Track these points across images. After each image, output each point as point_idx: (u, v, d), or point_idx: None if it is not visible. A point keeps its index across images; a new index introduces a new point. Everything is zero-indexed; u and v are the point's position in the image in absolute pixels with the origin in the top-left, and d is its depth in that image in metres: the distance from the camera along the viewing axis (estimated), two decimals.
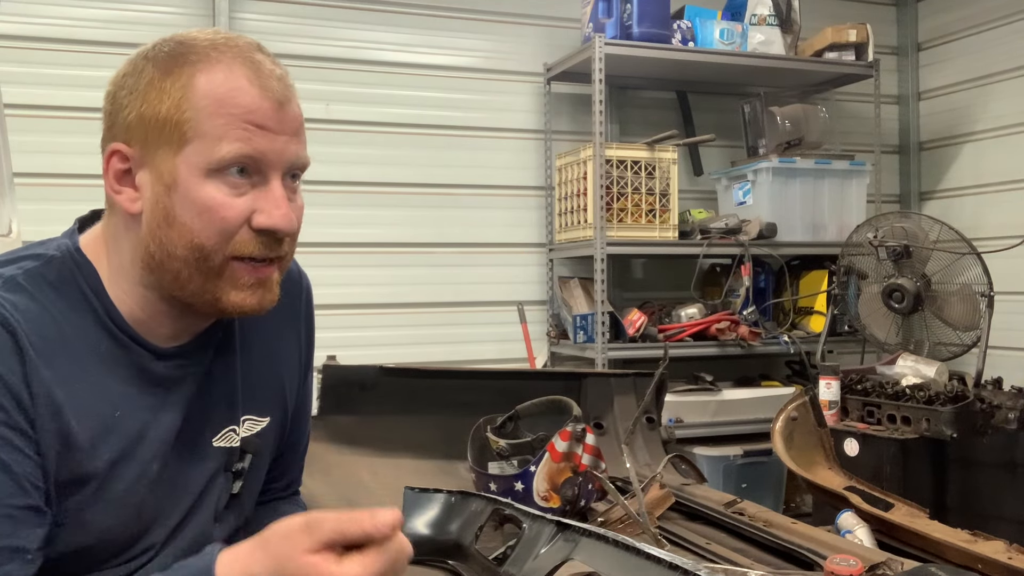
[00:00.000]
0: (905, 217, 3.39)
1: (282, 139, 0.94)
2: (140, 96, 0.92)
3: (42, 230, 1.03)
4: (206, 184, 0.92)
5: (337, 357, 2.05)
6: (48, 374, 0.89)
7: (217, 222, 0.92)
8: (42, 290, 0.93)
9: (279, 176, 0.95)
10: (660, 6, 3.56)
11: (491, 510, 1.40)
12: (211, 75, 0.92)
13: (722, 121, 4.04)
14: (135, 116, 0.92)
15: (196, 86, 0.91)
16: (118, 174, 0.95)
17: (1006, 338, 3.52)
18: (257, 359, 1.10)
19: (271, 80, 0.94)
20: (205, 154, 0.91)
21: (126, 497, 0.95)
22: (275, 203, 0.94)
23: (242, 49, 0.95)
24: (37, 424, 0.88)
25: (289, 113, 0.95)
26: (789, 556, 1.46)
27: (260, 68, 0.94)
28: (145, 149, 0.93)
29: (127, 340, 0.97)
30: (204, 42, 0.94)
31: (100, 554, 0.96)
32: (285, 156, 0.95)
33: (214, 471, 1.05)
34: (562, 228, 3.75)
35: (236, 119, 0.91)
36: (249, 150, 0.92)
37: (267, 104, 0.93)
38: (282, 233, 0.96)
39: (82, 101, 3.20)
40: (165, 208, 0.92)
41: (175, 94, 0.91)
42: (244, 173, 0.93)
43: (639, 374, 2.15)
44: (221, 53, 0.93)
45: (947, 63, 4.33)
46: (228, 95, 0.91)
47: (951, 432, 2.56)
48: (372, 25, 3.65)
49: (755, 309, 3.65)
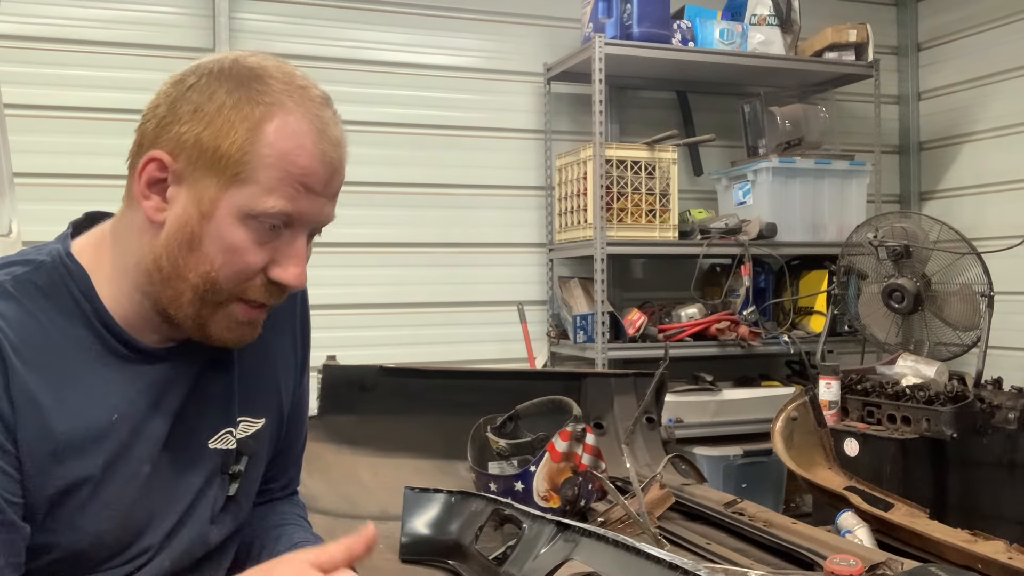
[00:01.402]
0: (905, 217, 3.39)
1: (322, 201, 0.96)
2: (205, 120, 0.91)
3: (42, 230, 1.03)
4: (239, 226, 0.93)
5: (337, 357, 2.05)
6: (35, 382, 0.89)
7: (239, 264, 0.94)
8: (31, 296, 0.93)
9: (305, 233, 0.97)
10: (660, 6, 3.56)
11: (491, 510, 1.40)
12: (280, 125, 0.92)
13: (722, 121, 4.04)
14: (192, 137, 0.92)
15: (263, 132, 0.91)
16: (151, 180, 0.94)
17: (1006, 338, 3.52)
18: (252, 360, 1.10)
19: (333, 146, 0.96)
20: (251, 200, 0.92)
21: (118, 500, 0.95)
22: (295, 260, 0.96)
23: (315, 104, 0.95)
24: (20, 437, 0.88)
25: (338, 179, 0.98)
26: (789, 556, 1.47)
27: (325, 130, 0.95)
28: (191, 170, 0.92)
29: (118, 344, 0.97)
30: (280, 84, 0.94)
31: (94, 557, 0.96)
32: (319, 217, 0.97)
33: (209, 473, 1.05)
34: (562, 228, 3.75)
35: (291, 177, 0.92)
36: (292, 209, 0.93)
37: (323, 169, 0.94)
38: (292, 290, 0.98)
39: (82, 101, 3.20)
40: (193, 232, 0.93)
41: (241, 134, 0.91)
42: (277, 226, 0.94)
43: (639, 374, 2.15)
44: (296, 104, 0.93)
45: (947, 63, 4.33)
46: (291, 152, 0.92)
47: (951, 432, 2.55)
48: (372, 25, 3.65)
49: (755, 309, 3.65)
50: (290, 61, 1.00)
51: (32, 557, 0.91)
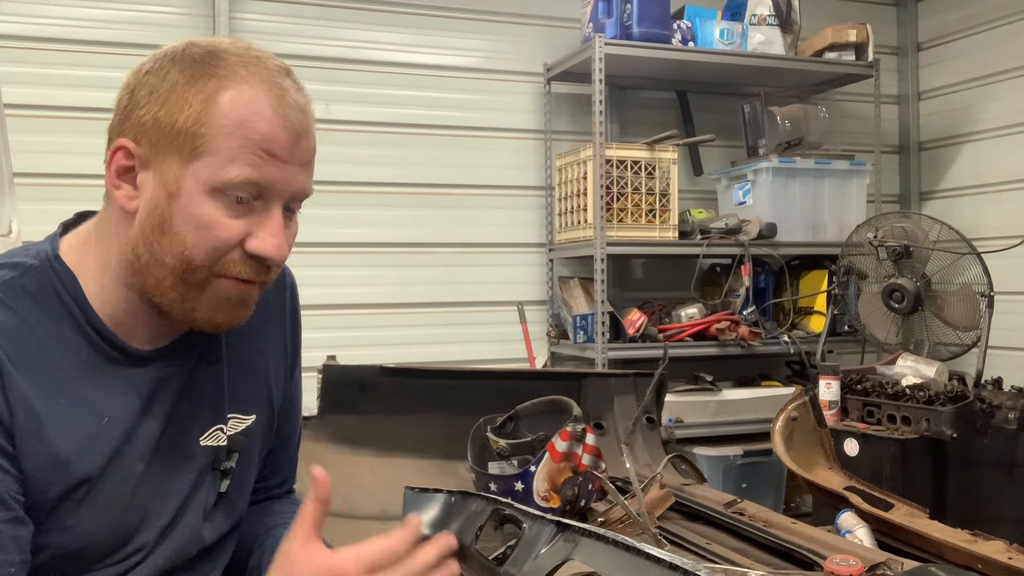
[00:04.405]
0: (905, 217, 3.39)
1: (292, 169, 0.94)
2: (160, 99, 0.91)
3: (42, 230, 1.03)
4: (208, 200, 0.91)
5: (337, 357, 2.05)
6: (28, 387, 0.89)
7: (211, 240, 0.92)
8: (21, 301, 0.93)
9: (280, 204, 0.95)
10: (660, 6, 3.56)
11: (491, 510, 1.40)
12: (235, 94, 0.91)
13: (722, 121, 4.04)
14: (151, 118, 0.91)
15: (218, 102, 0.90)
16: (120, 170, 0.94)
17: (1006, 338, 3.52)
18: (241, 357, 1.09)
19: (293, 110, 0.93)
20: (214, 172, 0.90)
21: (111, 501, 0.95)
22: (271, 231, 0.94)
23: (271, 72, 0.94)
24: (18, 438, 0.88)
25: (303, 145, 0.95)
26: (789, 556, 1.47)
27: (285, 95, 0.93)
28: (154, 152, 0.92)
29: (107, 347, 0.96)
30: (234, 57, 0.93)
31: (88, 557, 0.96)
32: (291, 187, 0.95)
33: (201, 470, 1.05)
34: (562, 228, 3.75)
35: (251, 144, 0.91)
36: (258, 177, 0.91)
37: (284, 134, 0.92)
38: (272, 262, 0.96)
39: (82, 101, 3.20)
40: (163, 214, 0.92)
41: (196, 106, 0.90)
42: (246, 197, 0.92)
43: (639, 374, 2.15)
44: (250, 73, 0.92)
45: (947, 63, 4.33)
46: (248, 119, 0.90)
47: (951, 432, 2.55)
48: (372, 25, 3.65)
49: (755, 309, 3.65)
50: (290, 61, 1.00)
51: None
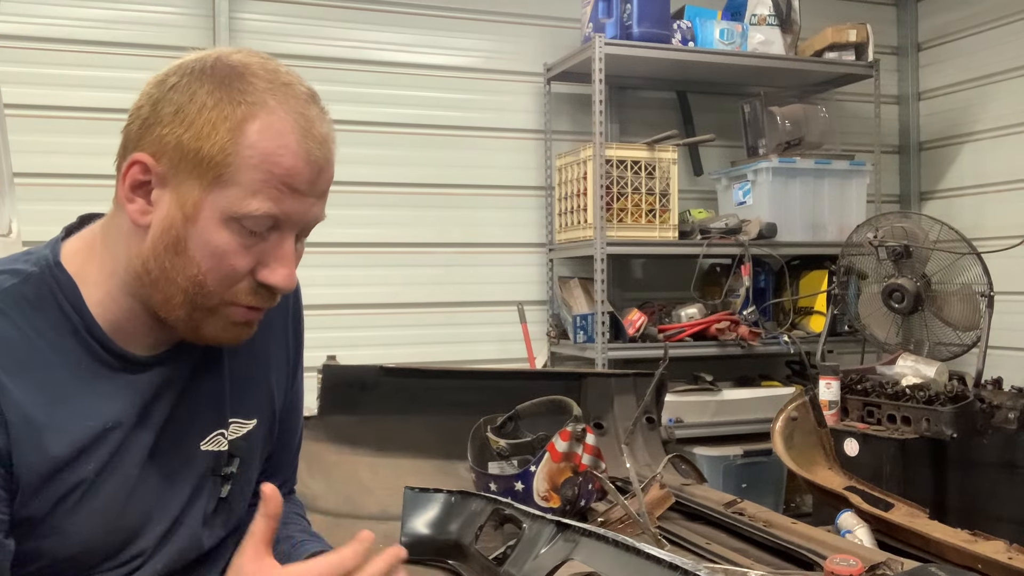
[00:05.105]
0: (905, 217, 3.39)
1: (309, 201, 0.93)
2: (186, 122, 0.89)
3: (42, 230, 1.03)
4: (223, 228, 0.91)
5: (337, 357, 2.05)
6: (27, 400, 0.89)
7: (225, 268, 0.92)
8: (19, 309, 0.92)
9: (293, 234, 0.95)
10: (660, 6, 3.56)
11: (491, 510, 1.40)
12: (263, 126, 0.89)
13: (722, 121, 4.04)
14: (174, 139, 0.90)
15: (245, 132, 0.89)
16: (135, 183, 0.92)
17: (1006, 338, 3.52)
18: (243, 361, 1.09)
19: (317, 143, 0.92)
20: (234, 203, 0.89)
21: (107, 507, 0.95)
22: (282, 261, 0.94)
23: (299, 101, 0.92)
24: (16, 458, 0.88)
25: (324, 176, 0.94)
26: (789, 556, 1.47)
27: (311, 128, 0.92)
28: (173, 172, 0.90)
29: (107, 355, 0.96)
30: (263, 83, 0.91)
31: (86, 563, 0.95)
32: (306, 217, 0.94)
33: (201, 475, 1.04)
34: (562, 228, 3.75)
35: (274, 178, 0.90)
36: (277, 211, 0.91)
37: (307, 169, 0.91)
38: (281, 292, 0.96)
39: (82, 101, 3.20)
40: (177, 235, 0.91)
41: (223, 135, 0.88)
42: (261, 231, 0.92)
43: (639, 374, 2.15)
44: (278, 103, 0.90)
45: (947, 63, 4.33)
46: (274, 152, 0.89)
47: (951, 432, 2.55)
48: (372, 25, 3.65)
49: (755, 309, 3.65)
50: (290, 61, 0.99)
51: (20, 564, 0.90)
